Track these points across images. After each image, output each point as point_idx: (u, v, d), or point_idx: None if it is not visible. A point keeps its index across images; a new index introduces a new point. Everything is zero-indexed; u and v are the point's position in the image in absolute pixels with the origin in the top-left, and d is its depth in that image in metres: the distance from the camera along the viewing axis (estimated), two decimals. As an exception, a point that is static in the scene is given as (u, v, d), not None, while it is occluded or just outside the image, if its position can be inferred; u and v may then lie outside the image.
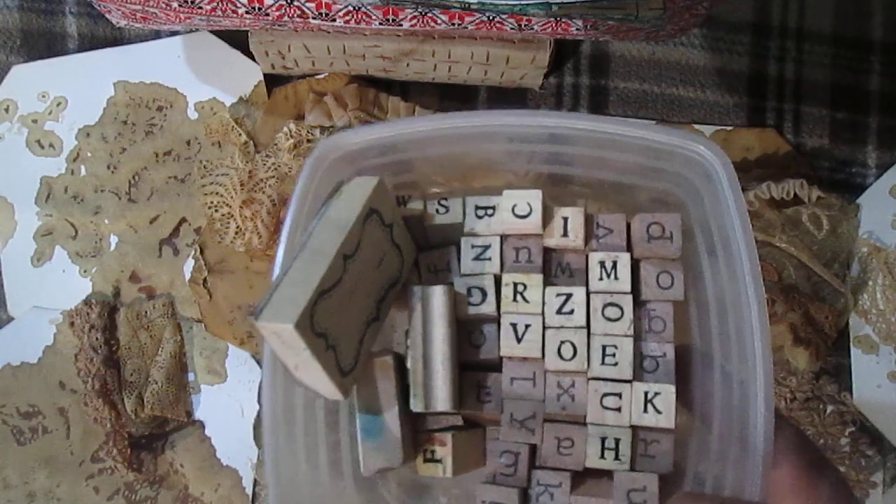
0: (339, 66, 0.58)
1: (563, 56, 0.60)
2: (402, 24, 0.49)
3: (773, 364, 0.29)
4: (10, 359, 0.59)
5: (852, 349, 0.58)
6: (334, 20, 0.49)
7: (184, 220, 0.60)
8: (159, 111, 0.61)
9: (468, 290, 0.33)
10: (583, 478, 0.32)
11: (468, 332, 0.33)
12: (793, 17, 0.60)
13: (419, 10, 0.48)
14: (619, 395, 0.31)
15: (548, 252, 0.33)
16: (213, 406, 0.60)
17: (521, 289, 0.32)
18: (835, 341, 0.58)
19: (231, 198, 0.58)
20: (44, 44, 0.61)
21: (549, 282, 0.33)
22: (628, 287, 0.32)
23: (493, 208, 0.33)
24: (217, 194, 0.58)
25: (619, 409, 0.31)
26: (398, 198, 0.34)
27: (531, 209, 0.33)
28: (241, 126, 0.60)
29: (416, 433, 0.33)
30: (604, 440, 0.31)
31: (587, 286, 0.32)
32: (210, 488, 0.59)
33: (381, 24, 0.49)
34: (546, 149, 0.34)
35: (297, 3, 0.48)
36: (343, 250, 0.29)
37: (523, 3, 0.42)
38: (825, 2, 0.60)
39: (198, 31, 0.60)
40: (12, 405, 0.59)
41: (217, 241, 0.59)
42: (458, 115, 0.32)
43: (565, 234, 0.33)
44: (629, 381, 0.32)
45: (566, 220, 0.33)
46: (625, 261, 0.32)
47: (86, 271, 0.60)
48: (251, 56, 0.59)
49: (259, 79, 0.60)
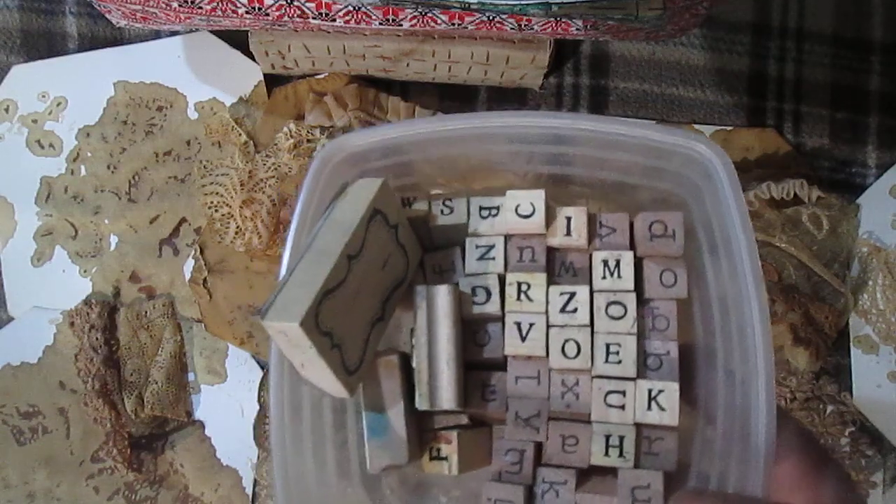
0: (339, 66, 0.58)
1: (563, 56, 0.61)
2: (402, 24, 0.49)
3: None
4: (10, 359, 0.59)
5: (852, 349, 0.58)
6: (334, 20, 0.49)
7: (184, 220, 0.60)
8: (159, 111, 0.61)
9: (473, 289, 0.33)
10: (588, 475, 0.32)
11: (473, 332, 0.33)
12: (793, 17, 0.60)
13: (419, 10, 0.48)
14: (623, 393, 0.32)
15: (551, 251, 0.34)
16: (213, 406, 0.60)
17: (524, 288, 0.33)
18: (835, 341, 0.58)
19: (231, 198, 0.58)
20: (44, 44, 0.61)
21: (552, 281, 0.33)
22: (631, 285, 0.32)
23: (497, 209, 0.34)
24: (217, 194, 0.58)
25: (622, 407, 0.32)
26: (403, 199, 0.35)
27: (534, 209, 0.33)
28: (241, 126, 0.60)
29: (422, 431, 0.33)
30: (608, 438, 0.31)
31: (590, 285, 0.33)
32: (210, 488, 0.59)
33: (381, 24, 0.49)
34: (547, 149, 0.34)
35: (297, 3, 0.48)
36: (347, 251, 0.29)
37: (523, 3, 0.42)
38: (825, 2, 0.60)
39: (198, 31, 0.60)
40: (12, 405, 0.59)
41: (217, 241, 0.59)
42: (459, 116, 0.33)
43: (568, 233, 0.33)
44: (633, 379, 0.32)
45: (569, 219, 0.33)
46: (628, 259, 0.33)
47: (86, 271, 0.60)
48: (251, 56, 0.59)
49: (259, 79, 0.60)
